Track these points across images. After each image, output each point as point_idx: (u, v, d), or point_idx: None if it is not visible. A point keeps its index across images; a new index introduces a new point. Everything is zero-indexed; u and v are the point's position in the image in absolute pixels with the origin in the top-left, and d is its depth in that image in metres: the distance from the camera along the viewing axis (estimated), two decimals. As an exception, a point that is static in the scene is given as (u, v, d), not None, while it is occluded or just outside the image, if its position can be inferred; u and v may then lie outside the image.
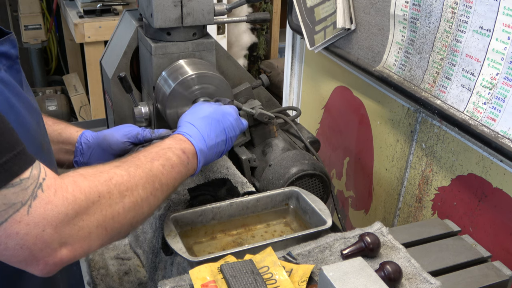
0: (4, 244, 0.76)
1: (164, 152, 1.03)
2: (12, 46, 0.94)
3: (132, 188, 0.92)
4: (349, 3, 1.67)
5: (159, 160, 1.00)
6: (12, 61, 0.94)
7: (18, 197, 0.76)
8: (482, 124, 1.24)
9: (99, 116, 3.43)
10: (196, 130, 1.12)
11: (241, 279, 0.96)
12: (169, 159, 1.02)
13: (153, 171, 0.97)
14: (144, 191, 0.94)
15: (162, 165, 1.00)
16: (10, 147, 0.76)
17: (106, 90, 1.61)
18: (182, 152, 1.06)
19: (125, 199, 0.90)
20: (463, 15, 1.25)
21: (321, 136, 2.09)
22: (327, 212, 1.18)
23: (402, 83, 1.48)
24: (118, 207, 0.88)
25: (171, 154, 1.04)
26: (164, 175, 0.99)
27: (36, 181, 0.79)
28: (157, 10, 1.29)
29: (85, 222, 0.83)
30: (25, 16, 4.08)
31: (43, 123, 1.04)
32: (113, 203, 0.88)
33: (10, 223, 0.75)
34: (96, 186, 0.86)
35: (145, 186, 0.94)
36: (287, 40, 2.23)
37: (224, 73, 1.53)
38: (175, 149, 1.05)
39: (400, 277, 0.99)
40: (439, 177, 1.47)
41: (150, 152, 1.02)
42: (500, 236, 1.29)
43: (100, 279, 1.28)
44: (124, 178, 0.91)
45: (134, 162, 0.97)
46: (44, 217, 0.78)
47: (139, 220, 0.95)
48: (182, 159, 1.05)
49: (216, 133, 1.15)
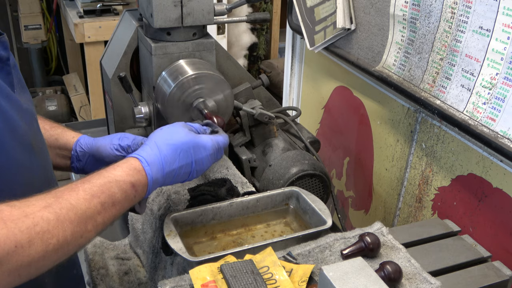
0: None
1: (109, 187, 0.93)
2: (2, 48, 0.93)
3: (59, 235, 0.82)
4: (349, 3, 1.67)
5: (100, 197, 0.91)
6: (2, 63, 0.94)
7: None
8: (481, 124, 1.24)
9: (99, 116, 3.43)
10: (159, 156, 1.02)
11: (241, 279, 0.96)
12: (112, 195, 0.93)
13: (88, 213, 0.88)
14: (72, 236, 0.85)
15: (102, 203, 0.91)
16: None
17: (106, 90, 1.61)
18: (131, 186, 0.97)
19: (49, 247, 0.81)
20: (462, 15, 1.25)
21: (321, 136, 2.09)
22: (327, 212, 1.18)
23: (402, 83, 1.48)
24: (39, 255, 0.79)
25: (116, 189, 0.94)
26: (101, 214, 0.91)
27: None
28: (157, 10, 1.29)
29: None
30: (25, 16, 4.08)
31: (37, 124, 1.04)
32: (32, 252, 0.79)
33: None
34: (15, 235, 0.77)
35: (75, 230, 0.85)
36: (287, 40, 2.23)
37: (224, 73, 1.53)
38: (123, 183, 0.96)
39: (400, 277, 0.99)
40: (439, 177, 1.47)
41: (94, 185, 0.92)
42: (500, 236, 1.29)
43: (100, 279, 1.28)
44: (51, 224, 0.82)
45: (69, 201, 0.87)
46: None
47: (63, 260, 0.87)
48: (128, 193, 0.96)
49: (180, 164, 1.05)
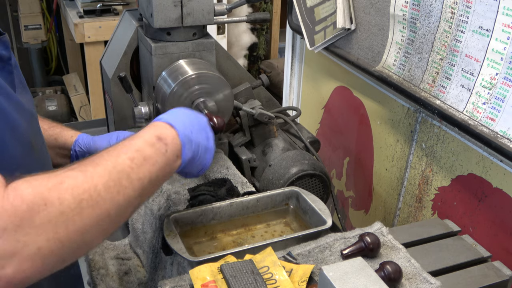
0: None
1: (133, 143, 0.88)
2: (3, 48, 0.93)
3: (90, 190, 0.77)
4: (349, 3, 1.67)
5: (127, 153, 0.85)
6: (4, 62, 0.93)
7: None
8: (481, 124, 1.24)
9: (99, 116, 3.43)
10: (178, 117, 0.98)
11: (241, 279, 0.96)
12: (139, 150, 0.87)
13: (117, 167, 0.82)
14: (107, 192, 0.79)
15: (130, 158, 0.85)
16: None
17: (106, 90, 1.61)
18: (157, 139, 0.91)
19: (82, 204, 0.75)
20: (462, 15, 1.25)
21: (321, 136, 2.09)
22: (327, 212, 1.18)
23: (402, 83, 1.48)
24: (73, 214, 0.74)
25: (142, 143, 0.89)
26: (133, 170, 0.84)
27: None
28: (157, 10, 1.29)
29: (31, 236, 0.70)
30: (25, 16, 4.08)
31: (37, 124, 1.04)
32: (65, 210, 0.73)
33: None
34: (42, 192, 0.72)
35: (107, 185, 0.79)
36: (287, 40, 2.23)
37: (224, 73, 1.53)
38: (148, 137, 0.90)
39: (400, 277, 0.99)
40: (439, 177, 1.47)
41: (117, 146, 0.88)
42: (500, 236, 1.29)
43: (100, 279, 1.28)
44: (79, 179, 0.77)
45: (93, 161, 0.83)
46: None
47: (108, 227, 0.81)
48: (157, 147, 0.90)
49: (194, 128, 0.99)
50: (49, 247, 0.72)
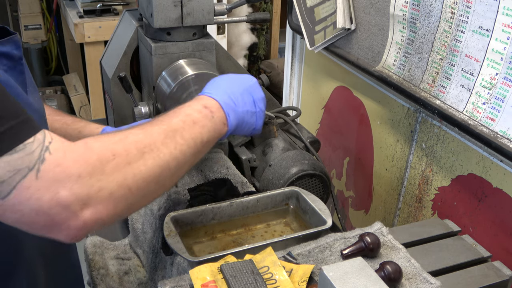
0: (20, 211, 0.74)
1: (183, 110, 0.99)
2: (15, 47, 0.94)
3: (151, 144, 0.87)
4: (349, 3, 1.67)
5: (178, 117, 0.96)
6: (15, 61, 0.94)
7: (23, 162, 0.73)
8: (481, 124, 1.24)
9: (99, 116, 3.43)
10: (219, 89, 1.07)
11: (241, 279, 0.96)
12: (189, 115, 0.97)
13: (172, 126, 0.93)
14: (165, 147, 0.89)
15: (182, 120, 0.95)
16: (11, 115, 0.75)
17: (106, 90, 1.61)
18: (203, 107, 1.01)
19: (145, 156, 0.85)
20: (462, 15, 1.25)
21: (321, 136, 2.09)
22: (327, 212, 1.18)
23: (402, 83, 1.48)
24: (138, 164, 0.83)
25: (190, 110, 0.99)
26: (186, 130, 0.94)
27: (42, 144, 0.75)
28: (157, 10, 1.29)
29: (103, 182, 0.78)
30: (25, 16, 4.08)
31: (46, 124, 1.04)
32: (131, 160, 0.82)
33: (19, 190, 0.73)
34: (109, 145, 0.82)
35: (165, 141, 0.89)
36: (287, 40, 2.23)
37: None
38: (194, 106, 1.01)
39: (400, 277, 0.99)
40: (439, 177, 1.47)
41: (168, 113, 0.98)
42: (500, 236, 1.29)
43: (100, 279, 1.28)
44: (140, 136, 0.87)
45: (149, 123, 0.94)
46: (55, 180, 0.74)
47: (167, 179, 0.90)
48: (204, 113, 1.00)
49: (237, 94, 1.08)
50: (120, 193, 0.80)
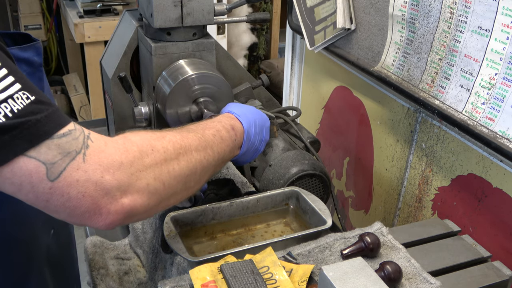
0: (67, 194, 0.76)
1: (214, 125, 1.05)
2: (36, 54, 0.95)
3: (186, 148, 0.91)
4: (349, 3, 1.67)
5: (210, 130, 1.02)
6: (35, 68, 0.95)
7: (71, 146, 0.76)
8: (480, 124, 1.24)
9: (99, 116, 3.43)
10: (247, 117, 1.14)
11: (241, 279, 0.96)
12: (219, 131, 1.04)
13: (205, 137, 0.98)
14: (197, 153, 0.94)
15: (213, 134, 1.02)
16: (49, 102, 0.77)
17: (106, 90, 1.61)
18: (231, 128, 1.08)
19: (180, 157, 0.89)
20: (461, 15, 1.25)
21: (321, 136, 2.09)
22: (327, 212, 1.18)
23: (401, 83, 1.48)
24: (173, 162, 0.88)
25: (221, 127, 1.06)
26: (215, 144, 1.00)
27: (83, 132, 0.78)
28: (157, 10, 1.29)
29: (142, 173, 0.82)
30: (25, 16, 4.08)
31: None
32: (168, 158, 0.87)
33: (69, 171, 0.75)
34: (149, 140, 0.86)
35: (198, 148, 0.94)
36: (287, 40, 2.23)
37: (224, 73, 1.53)
38: (225, 124, 1.08)
39: (400, 277, 0.99)
40: (439, 177, 1.47)
41: (201, 123, 1.04)
42: (500, 236, 1.29)
43: (100, 279, 1.28)
44: (177, 137, 0.92)
45: (186, 128, 0.99)
46: (100, 164, 0.77)
47: (192, 182, 0.94)
48: (231, 134, 1.07)
49: (256, 128, 1.16)
50: (155, 185, 0.83)
